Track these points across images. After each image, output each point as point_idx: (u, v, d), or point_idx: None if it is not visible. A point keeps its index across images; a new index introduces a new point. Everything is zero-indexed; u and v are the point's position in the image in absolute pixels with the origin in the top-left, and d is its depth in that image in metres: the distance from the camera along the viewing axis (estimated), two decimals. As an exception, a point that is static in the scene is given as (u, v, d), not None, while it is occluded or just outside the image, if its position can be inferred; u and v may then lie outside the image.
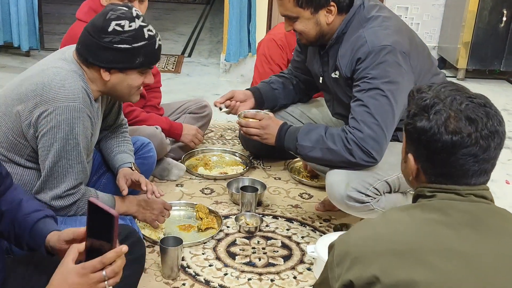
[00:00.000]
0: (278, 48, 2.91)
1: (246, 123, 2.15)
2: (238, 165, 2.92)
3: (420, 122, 1.20)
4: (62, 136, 1.74)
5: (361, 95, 1.94)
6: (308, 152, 2.03)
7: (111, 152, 2.13)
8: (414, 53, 2.00)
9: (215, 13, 7.17)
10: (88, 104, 1.80)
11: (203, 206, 2.38)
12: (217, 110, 3.49)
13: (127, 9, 1.82)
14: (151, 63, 1.86)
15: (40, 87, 1.75)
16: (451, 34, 4.72)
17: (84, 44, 1.81)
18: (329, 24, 2.02)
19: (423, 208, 1.18)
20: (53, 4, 6.67)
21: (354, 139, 1.92)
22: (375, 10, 2.03)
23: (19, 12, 4.31)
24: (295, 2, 1.98)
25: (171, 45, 5.43)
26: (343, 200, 2.02)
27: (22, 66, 4.43)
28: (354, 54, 1.98)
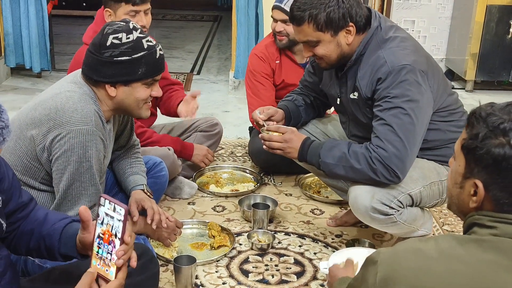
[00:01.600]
0: (260, 60, 2.97)
1: (269, 137, 2.16)
2: (249, 181, 2.94)
3: (499, 148, 1.09)
4: (75, 159, 1.77)
5: (383, 114, 1.95)
6: (331, 169, 2.04)
7: (124, 174, 2.15)
8: (431, 73, 2.02)
9: (223, 30, 7.24)
10: (100, 126, 1.83)
11: (215, 224, 2.40)
12: (227, 126, 3.54)
13: (124, 23, 1.85)
14: (154, 73, 1.87)
15: (54, 111, 1.78)
16: (459, 46, 4.73)
17: (87, 64, 1.85)
18: (349, 44, 2.03)
19: (483, 246, 1.07)
20: (63, 25, 6.76)
21: (378, 158, 1.93)
22: (392, 31, 2.04)
23: (31, 34, 4.38)
24: (315, 27, 1.98)
25: (180, 63, 5.48)
26: (367, 212, 2.02)
27: (34, 88, 4.50)
28: (374, 75, 1.99)
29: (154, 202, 2.07)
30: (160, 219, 2.02)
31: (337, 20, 1.96)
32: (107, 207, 1.25)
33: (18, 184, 1.49)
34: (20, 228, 1.48)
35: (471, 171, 1.14)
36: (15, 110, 3.87)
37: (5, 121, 1.16)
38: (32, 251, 1.49)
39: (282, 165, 2.95)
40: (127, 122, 2.16)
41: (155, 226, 2.02)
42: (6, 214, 1.41)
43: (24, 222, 1.48)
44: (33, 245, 1.47)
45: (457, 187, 1.19)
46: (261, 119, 2.26)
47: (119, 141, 2.16)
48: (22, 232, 1.48)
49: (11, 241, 1.47)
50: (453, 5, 4.84)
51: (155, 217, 2.01)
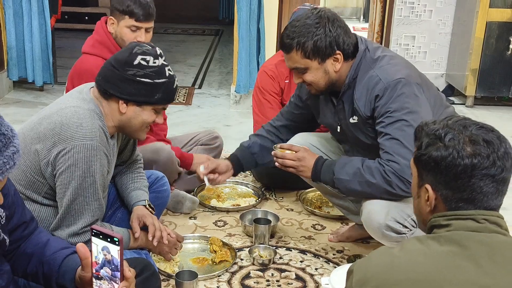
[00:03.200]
0: (269, 78, 2.98)
1: (282, 154, 2.16)
2: (250, 196, 2.95)
3: (437, 151, 1.23)
4: (79, 174, 1.78)
5: (387, 129, 1.97)
6: (346, 185, 2.04)
7: (126, 189, 2.17)
8: (425, 86, 2.06)
9: (224, 44, 7.28)
10: (105, 142, 1.84)
11: (216, 239, 2.40)
12: (228, 140, 3.55)
13: (152, 47, 1.89)
14: (168, 100, 1.92)
15: (59, 126, 1.79)
16: (459, 61, 4.76)
17: (105, 76, 1.87)
18: (336, 71, 2.06)
19: (440, 241, 1.20)
20: (65, 39, 6.80)
21: (392, 171, 1.94)
22: (379, 51, 2.09)
23: (34, 48, 4.40)
24: (302, 54, 2.02)
25: (181, 77, 5.51)
26: (380, 229, 2.03)
27: (36, 101, 4.52)
28: (370, 93, 2.02)
29: (156, 218, 2.08)
30: (161, 235, 2.03)
31: (324, 48, 2.01)
32: (99, 242, 1.26)
33: (20, 201, 1.49)
34: (21, 248, 1.48)
35: (422, 178, 1.29)
36: (17, 123, 3.92)
37: (16, 146, 1.17)
38: (29, 275, 1.49)
39: (284, 179, 2.96)
40: (129, 139, 2.17)
41: (156, 243, 2.02)
42: (8, 231, 1.42)
43: (25, 243, 1.48)
44: (30, 269, 1.47)
45: (416, 198, 1.34)
46: (202, 174, 2.33)
47: (122, 156, 2.17)
48: (22, 253, 1.48)
49: (9, 261, 1.47)
50: (453, 21, 4.87)
51: (156, 234, 2.02)
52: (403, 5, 4.85)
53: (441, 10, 4.86)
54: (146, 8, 2.50)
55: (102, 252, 1.27)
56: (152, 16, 2.54)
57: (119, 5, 2.50)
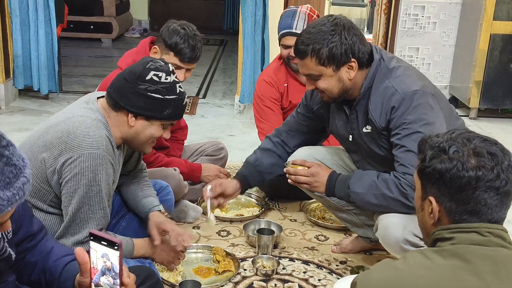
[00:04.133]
0: (268, 85, 3.00)
1: (295, 171, 2.15)
2: (253, 206, 2.95)
3: (441, 163, 1.24)
4: (85, 182, 1.79)
5: (403, 141, 1.96)
6: (362, 198, 2.02)
7: (136, 197, 2.18)
8: (438, 97, 2.06)
9: (228, 54, 7.31)
10: (111, 151, 1.86)
11: (220, 249, 2.40)
12: (232, 150, 3.56)
13: (165, 64, 1.92)
14: (176, 117, 1.94)
15: (66, 135, 1.80)
16: (463, 73, 4.78)
17: (117, 88, 1.89)
18: (351, 79, 2.05)
19: (443, 254, 1.20)
20: (70, 47, 6.85)
21: (408, 184, 1.92)
22: (394, 61, 2.08)
23: (40, 57, 4.43)
24: (317, 61, 2.01)
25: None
26: (398, 243, 1.98)
27: (41, 109, 4.54)
28: (386, 104, 2.01)
29: (174, 223, 2.07)
30: (183, 238, 2.04)
31: (339, 55, 2.00)
32: (98, 247, 1.25)
33: (28, 213, 1.49)
34: (26, 258, 1.49)
35: (425, 191, 1.30)
36: (22, 132, 3.94)
37: (27, 176, 1.16)
38: (33, 283, 1.48)
39: (287, 190, 2.97)
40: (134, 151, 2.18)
41: (180, 248, 2.04)
42: (15, 243, 1.42)
43: (31, 252, 1.48)
44: (34, 277, 1.47)
45: (420, 211, 1.34)
46: (206, 197, 2.29)
47: (127, 166, 2.18)
48: (26, 262, 1.48)
49: (14, 270, 1.47)
50: (457, 33, 4.89)
51: (178, 239, 2.03)
52: (407, 17, 4.87)
53: (445, 22, 4.88)
54: (195, 50, 2.44)
55: (101, 259, 1.26)
56: (198, 58, 2.48)
57: (168, 38, 2.43)
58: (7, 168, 1.10)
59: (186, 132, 3.00)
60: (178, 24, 2.49)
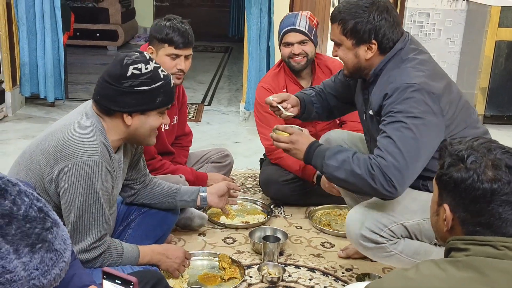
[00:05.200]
0: (267, 91, 3.00)
1: (277, 137, 2.18)
2: (259, 213, 2.95)
3: (458, 172, 1.23)
4: (82, 190, 1.79)
5: (386, 128, 1.97)
6: (333, 171, 2.02)
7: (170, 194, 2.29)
8: (446, 99, 2.01)
9: (233, 61, 7.33)
10: (107, 157, 1.85)
11: (226, 256, 2.41)
12: (238, 157, 3.57)
13: (140, 54, 1.89)
14: (169, 101, 1.93)
15: (61, 143, 1.80)
16: (468, 80, 4.77)
17: (103, 94, 1.87)
18: (367, 60, 2.07)
19: (458, 266, 1.17)
20: (76, 55, 6.89)
21: (378, 165, 1.92)
22: (413, 53, 2.06)
23: (46, 65, 4.46)
24: (341, 30, 2.07)
25: (191, 94, 5.55)
26: (358, 240, 2.06)
27: (47, 117, 4.56)
28: (382, 90, 2.02)
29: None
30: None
31: (361, 32, 2.03)
32: (112, 286, 1.19)
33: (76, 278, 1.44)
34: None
35: (442, 197, 1.28)
36: (28, 139, 3.96)
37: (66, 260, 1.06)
38: None
39: (293, 196, 2.97)
40: (140, 153, 2.19)
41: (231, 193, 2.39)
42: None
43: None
44: None
45: (435, 215, 1.33)
46: (274, 101, 2.32)
47: (133, 173, 2.20)
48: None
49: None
50: (462, 40, 4.89)
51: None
52: (412, 24, 4.88)
53: (450, 29, 4.88)
54: (185, 35, 2.49)
55: None
56: (191, 42, 2.53)
57: (158, 34, 2.49)
58: (47, 255, 1.02)
59: (190, 138, 3.01)
60: (163, 19, 2.56)
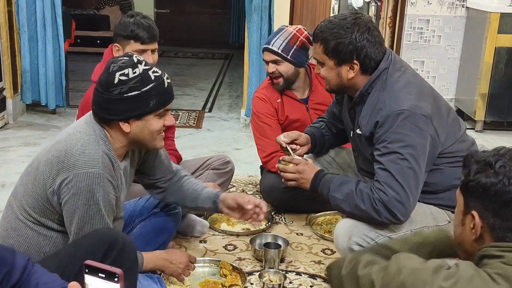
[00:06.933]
0: (262, 101, 3.02)
1: (284, 167, 2.22)
2: (260, 220, 2.95)
3: (487, 177, 1.23)
4: (83, 202, 1.77)
5: (382, 159, 1.99)
6: (339, 204, 2.09)
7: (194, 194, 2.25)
8: (436, 117, 2.03)
9: (234, 68, 7.35)
10: (109, 168, 1.82)
11: (227, 263, 2.41)
12: (238, 164, 3.57)
13: (128, 58, 1.85)
14: (165, 103, 1.87)
15: (63, 154, 1.78)
16: (468, 86, 4.78)
17: (97, 103, 1.85)
18: (349, 79, 2.10)
19: (496, 280, 1.15)
20: (77, 62, 6.90)
21: (381, 200, 1.96)
22: (398, 74, 2.08)
23: (47, 72, 4.48)
24: (323, 49, 2.10)
25: (192, 101, 5.56)
26: (346, 253, 2.08)
27: (49, 124, 4.58)
28: (373, 116, 2.04)
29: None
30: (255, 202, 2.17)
31: (343, 53, 2.06)
32: (95, 281, 1.12)
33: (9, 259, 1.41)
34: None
35: (468, 205, 1.27)
36: (29, 146, 3.98)
37: None
38: None
39: (294, 203, 2.98)
40: (156, 153, 2.15)
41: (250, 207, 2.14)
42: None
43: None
44: None
45: (460, 226, 1.31)
46: (283, 142, 2.35)
47: (155, 172, 2.18)
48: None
49: None
50: (462, 46, 4.91)
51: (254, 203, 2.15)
52: (412, 30, 4.90)
53: (450, 36, 4.90)
54: (149, 29, 2.54)
55: None
56: (156, 37, 2.59)
57: (123, 31, 2.53)
58: None
59: (173, 130, 3.02)
60: (126, 16, 2.60)
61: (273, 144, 2.93)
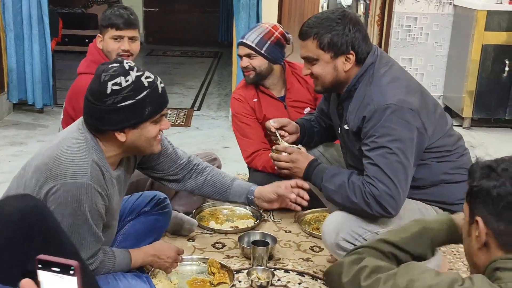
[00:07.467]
0: (238, 101, 3.01)
1: (277, 156, 2.21)
2: (248, 218, 2.95)
3: (489, 181, 1.22)
4: (70, 212, 1.74)
5: (371, 154, 1.99)
6: (331, 194, 2.09)
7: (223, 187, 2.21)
8: (424, 111, 2.04)
9: (223, 66, 7.33)
10: (98, 179, 1.78)
11: (215, 261, 2.40)
12: (227, 162, 3.57)
13: (118, 65, 1.78)
14: (160, 108, 1.82)
15: (52, 161, 1.75)
16: (455, 84, 4.81)
17: (90, 114, 1.80)
18: (346, 71, 2.09)
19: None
20: (65, 61, 6.84)
21: (372, 194, 1.97)
22: (385, 69, 2.08)
23: (34, 71, 4.45)
24: (317, 44, 2.07)
25: (180, 99, 5.54)
26: (333, 249, 2.10)
27: (36, 123, 4.54)
28: (360, 111, 2.04)
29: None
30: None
31: (339, 44, 2.05)
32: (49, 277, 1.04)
33: None
34: None
35: (473, 213, 1.24)
36: (16, 145, 3.95)
37: None
38: None
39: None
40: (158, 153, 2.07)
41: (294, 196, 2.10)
42: None
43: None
44: None
45: (467, 238, 1.28)
46: (272, 127, 2.34)
47: (160, 166, 2.14)
48: None
49: None
50: (449, 44, 4.93)
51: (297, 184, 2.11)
52: (400, 28, 4.91)
53: (438, 33, 4.92)
54: (125, 16, 2.60)
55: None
56: (133, 24, 2.62)
57: (103, 21, 2.64)
58: None
59: None
60: (108, 8, 2.71)
61: (254, 143, 2.95)
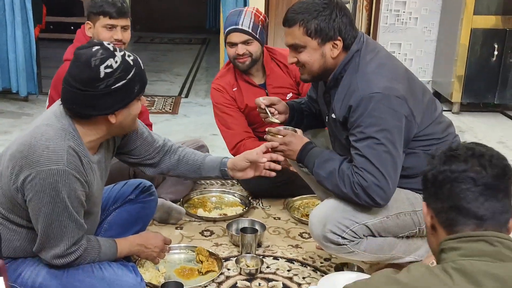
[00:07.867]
0: (217, 91, 2.95)
1: (271, 138, 2.19)
2: (237, 205, 2.92)
3: (427, 167, 1.30)
4: (48, 200, 1.71)
5: (358, 144, 1.96)
6: (321, 180, 2.08)
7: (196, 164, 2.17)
8: (412, 98, 1.99)
9: (211, 52, 7.27)
10: (76, 164, 1.75)
11: (203, 249, 2.37)
12: (216, 149, 3.53)
13: (100, 47, 1.75)
14: (145, 84, 1.85)
15: (27, 148, 1.72)
16: (444, 68, 4.79)
17: (79, 102, 1.76)
18: (333, 58, 2.04)
19: (452, 276, 1.14)
20: (50, 48, 6.74)
21: (360, 184, 1.94)
22: (371, 56, 2.03)
23: (18, 58, 4.38)
24: (304, 31, 2.01)
25: (168, 86, 5.48)
26: (320, 241, 2.08)
27: (20, 112, 4.47)
28: (346, 100, 2.00)
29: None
30: None
31: (326, 29, 2.00)
32: None
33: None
34: None
35: (423, 198, 1.32)
36: (1, 135, 3.87)
37: None
38: None
39: (271, 190, 2.94)
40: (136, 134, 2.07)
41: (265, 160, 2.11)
42: None
43: None
44: None
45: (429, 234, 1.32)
46: (263, 104, 2.32)
47: (137, 150, 2.10)
48: None
49: None
50: (438, 28, 4.91)
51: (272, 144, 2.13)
52: (388, 13, 4.88)
53: (427, 18, 4.90)
54: (117, 5, 2.56)
55: None
56: (125, 13, 2.59)
57: (93, 8, 2.58)
58: None
59: (147, 116, 2.98)
60: None
61: (238, 133, 2.89)
